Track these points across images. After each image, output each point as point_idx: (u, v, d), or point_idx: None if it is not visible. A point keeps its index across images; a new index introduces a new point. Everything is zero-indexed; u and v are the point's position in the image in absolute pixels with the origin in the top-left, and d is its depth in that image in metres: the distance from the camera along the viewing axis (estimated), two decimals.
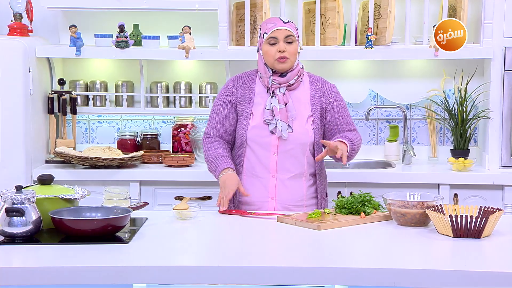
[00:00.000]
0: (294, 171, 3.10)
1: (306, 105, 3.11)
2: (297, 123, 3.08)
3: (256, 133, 3.07)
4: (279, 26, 3.05)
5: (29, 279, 2.24)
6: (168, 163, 3.98)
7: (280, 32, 3.04)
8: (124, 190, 2.94)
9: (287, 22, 3.08)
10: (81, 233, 2.50)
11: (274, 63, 3.05)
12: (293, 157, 3.09)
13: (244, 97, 3.12)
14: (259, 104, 3.10)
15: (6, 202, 2.52)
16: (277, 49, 3.03)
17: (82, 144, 4.36)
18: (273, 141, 3.07)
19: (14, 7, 4.08)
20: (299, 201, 3.12)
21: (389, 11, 3.96)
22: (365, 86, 4.27)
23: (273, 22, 3.08)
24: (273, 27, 3.06)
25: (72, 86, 4.26)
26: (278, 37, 3.04)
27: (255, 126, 3.08)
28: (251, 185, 3.10)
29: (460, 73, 4.17)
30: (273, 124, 3.05)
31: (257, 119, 3.08)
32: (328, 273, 2.24)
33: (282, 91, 3.07)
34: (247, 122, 3.09)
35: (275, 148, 3.07)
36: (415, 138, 4.34)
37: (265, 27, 3.09)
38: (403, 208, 2.73)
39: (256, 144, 3.08)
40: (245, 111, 3.10)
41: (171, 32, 4.17)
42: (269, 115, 3.06)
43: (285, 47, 3.03)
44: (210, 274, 2.26)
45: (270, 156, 3.08)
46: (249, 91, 3.12)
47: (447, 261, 2.40)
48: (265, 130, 3.07)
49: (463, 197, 3.88)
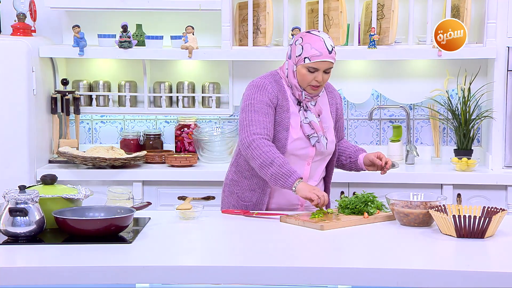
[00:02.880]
0: (319, 178, 3.12)
1: (329, 114, 3.13)
2: (329, 134, 3.09)
3: (297, 145, 3.02)
4: (325, 58, 2.93)
5: (33, 279, 2.24)
6: (171, 163, 3.98)
7: (324, 64, 2.94)
8: (127, 190, 2.93)
9: (332, 51, 2.94)
10: (84, 233, 2.50)
11: (307, 87, 2.99)
12: (321, 166, 3.11)
13: (282, 106, 3.01)
14: (295, 115, 3.02)
15: (9, 202, 2.52)
16: (314, 77, 2.95)
17: (85, 144, 4.36)
18: (311, 152, 3.04)
19: (17, 7, 4.08)
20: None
21: (392, 11, 3.96)
22: (368, 86, 4.26)
23: (319, 51, 2.92)
24: (318, 57, 2.93)
25: (75, 86, 4.27)
26: (319, 68, 2.95)
27: (297, 139, 3.01)
28: (281, 193, 3.04)
29: (463, 73, 4.16)
30: (315, 138, 3.00)
31: (297, 132, 3.01)
32: (331, 273, 2.24)
33: (313, 104, 3.04)
34: (287, 133, 3.00)
35: (311, 159, 3.05)
36: (418, 138, 4.34)
37: (308, 50, 2.93)
38: (406, 208, 2.73)
39: (293, 155, 3.02)
40: (283, 120, 3.00)
41: (174, 32, 4.17)
42: (310, 129, 3.01)
43: (322, 77, 2.96)
44: (213, 274, 2.26)
45: (305, 166, 3.05)
46: (285, 100, 3.02)
47: (450, 261, 2.40)
48: (305, 143, 3.02)
49: (467, 197, 3.87)
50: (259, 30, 4.08)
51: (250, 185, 3.07)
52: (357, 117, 4.33)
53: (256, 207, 3.04)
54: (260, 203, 3.04)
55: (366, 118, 4.30)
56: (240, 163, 3.11)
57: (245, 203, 3.06)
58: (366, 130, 4.34)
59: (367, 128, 4.34)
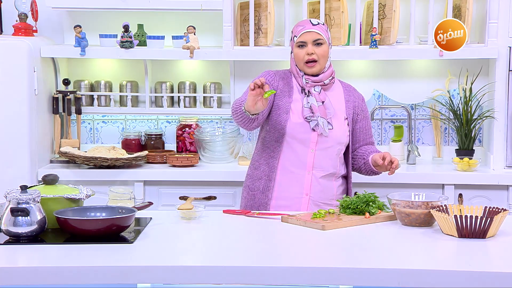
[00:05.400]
0: (328, 170, 3.14)
1: (341, 106, 3.17)
2: (336, 122, 3.13)
3: (297, 129, 3.09)
4: (307, 29, 3.09)
5: (34, 278, 2.24)
6: (172, 163, 3.98)
7: (309, 35, 3.08)
8: (128, 190, 2.94)
9: (316, 25, 3.11)
10: (86, 233, 2.51)
11: (304, 66, 3.11)
12: (328, 156, 3.13)
13: (284, 91, 3.13)
14: (298, 101, 3.12)
15: (11, 202, 2.52)
16: (306, 52, 3.07)
17: (87, 144, 4.36)
18: (313, 137, 3.09)
19: (19, 7, 4.08)
20: (329, 200, 3.15)
21: (393, 11, 3.96)
22: (370, 86, 4.26)
23: (302, 25, 3.12)
24: (301, 30, 3.10)
25: (76, 86, 4.27)
26: (306, 40, 3.09)
27: (296, 122, 3.09)
28: (286, 181, 3.13)
29: (465, 73, 4.16)
30: (315, 121, 3.07)
31: (297, 116, 3.10)
32: (333, 273, 2.24)
33: (317, 90, 3.11)
34: (287, 116, 3.09)
35: (314, 145, 3.10)
36: (420, 138, 4.33)
37: (295, 30, 3.14)
38: (407, 208, 2.73)
39: (295, 140, 3.10)
40: (283, 105, 3.11)
41: (176, 32, 4.17)
42: (309, 113, 3.08)
43: (313, 50, 3.07)
44: (214, 274, 2.26)
45: (308, 153, 3.10)
46: (288, 87, 3.15)
47: (451, 261, 2.40)
48: (306, 127, 3.09)
49: (468, 197, 3.87)
50: (260, 30, 4.08)
51: (258, 174, 3.17)
52: None
53: (263, 195, 3.12)
54: (267, 190, 3.12)
55: None
56: (254, 157, 3.23)
57: (253, 192, 3.15)
58: None
59: None
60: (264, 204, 3.13)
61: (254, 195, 3.15)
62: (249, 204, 3.17)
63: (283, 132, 3.09)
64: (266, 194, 3.13)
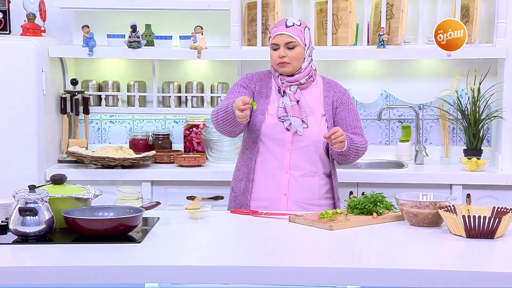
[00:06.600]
0: (307, 169, 3.11)
1: (319, 104, 3.14)
2: (312, 120, 3.11)
3: (271, 129, 3.09)
4: (280, 31, 3.07)
5: (42, 278, 2.25)
6: (180, 163, 3.99)
7: (281, 38, 3.07)
8: (136, 190, 2.94)
9: (291, 26, 3.07)
10: (94, 232, 2.51)
11: (277, 67, 3.11)
12: (306, 155, 3.10)
13: (261, 92, 3.15)
14: (274, 102, 3.13)
15: (19, 201, 2.53)
16: (278, 55, 3.07)
17: (95, 144, 4.37)
18: (288, 137, 3.09)
19: (27, 7, 4.10)
20: (312, 200, 3.12)
21: (401, 11, 3.95)
22: (377, 86, 4.26)
23: (276, 26, 3.11)
24: (275, 31, 3.09)
25: (84, 86, 4.28)
26: (279, 43, 3.07)
27: (271, 123, 3.10)
28: (264, 181, 3.13)
29: (473, 73, 4.15)
30: (288, 121, 3.07)
31: (272, 116, 3.11)
32: (340, 273, 2.24)
33: (293, 89, 3.10)
34: (263, 117, 3.10)
35: (290, 145, 3.09)
36: (428, 138, 4.32)
37: (271, 30, 3.14)
38: (415, 208, 2.72)
39: (270, 140, 3.10)
40: (260, 106, 3.12)
41: (183, 32, 4.17)
42: (283, 113, 3.08)
43: (285, 53, 3.06)
44: (222, 274, 2.26)
45: (284, 152, 3.10)
46: (266, 88, 3.15)
47: (460, 261, 2.39)
48: (280, 127, 3.09)
49: (476, 198, 3.86)
50: (268, 30, 4.08)
51: (239, 175, 3.18)
52: (366, 117, 4.32)
53: (243, 197, 3.12)
54: (246, 191, 3.12)
55: (375, 118, 4.29)
56: (238, 158, 3.23)
57: (235, 194, 3.16)
58: (375, 130, 4.33)
59: (376, 128, 4.34)
60: (245, 205, 3.13)
61: (236, 196, 3.16)
62: (232, 206, 3.18)
63: (259, 133, 3.10)
64: (246, 195, 3.13)
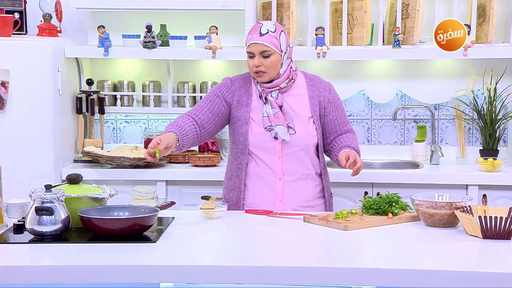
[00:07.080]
0: (300, 173, 3.07)
1: (305, 106, 3.07)
2: (299, 124, 3.04)
3: (259, 139, 3.03)
4: (254, 40, 2.98)
5: (58, 277, 2.26)
6: (194, 163, 3.99)
7: (255, 47, 2.98)
8: (151, 190, 2.95)
9: (265, 34, 2.97)
10: (109, 232, 2.52)
11: (254, 75, 3.03)
12: (297, 159, 3.06)
13: (241, 101, 3.07)
14: (257, 109, 3.05)
15: (35, 201, 2.55)
16: (253, 64, 2.99)
17: (110, 143, 4.39)
18: (277, 145, 3.03)
19: (43, 8, 4.12)
20: (306, 202, 3.09)
21: (417, 11, 3.94)
22: (393, 86, 4.24)
23: (251, 34, 3.00)
24: (250, 40, 3.00)
25: (100, 86, 4.30)
26: (254, 52, 2.99)
27: (258, 132, 3.03)
28: (258, 188, 3.08)
29: (489, 72, 4.12)
30: (274, 131, 3.02)
31: (258, 126, 3.04)
32: (356, 273, 2.23)
33: (274, 95, 3.03)
34: (247, 127, 3.03)
35: (280, 152, 3.04)
36: (443, 138, 4.30)
37: (247, 37, 3.03)
38: (431, 208, 2.71)
39: (260, 149, 3.04)
40: (242, 115, 3.05)
41: (198, 32, 4.18)
42: (268, 122, 3.02)
43: (260, 62, 2.97)
44: (236, 273, 2.26)
45: (275, 160, 3.04)
46: (246, 95, 3.07)
47: (476, 262, 2.38)
48: (267, 136, 3.03)
49: (492, 198, 3.83)
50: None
51: (230, 185, 3.13)
52: (381, 117, 4.31)
53: (235, 206, 3.08)
54: (238, 201, 3.08)
55: (390, 118, 4.27)
56: (227, 166, 3.18)
57: (228, 203, 3.09)
58: (390, 130, 4.31)
59: (391, 128, 4.32)
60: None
61: (229, 206, 3.06)
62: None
63: (247, 143, 3.03)
64: (238, 205, 3.08)
